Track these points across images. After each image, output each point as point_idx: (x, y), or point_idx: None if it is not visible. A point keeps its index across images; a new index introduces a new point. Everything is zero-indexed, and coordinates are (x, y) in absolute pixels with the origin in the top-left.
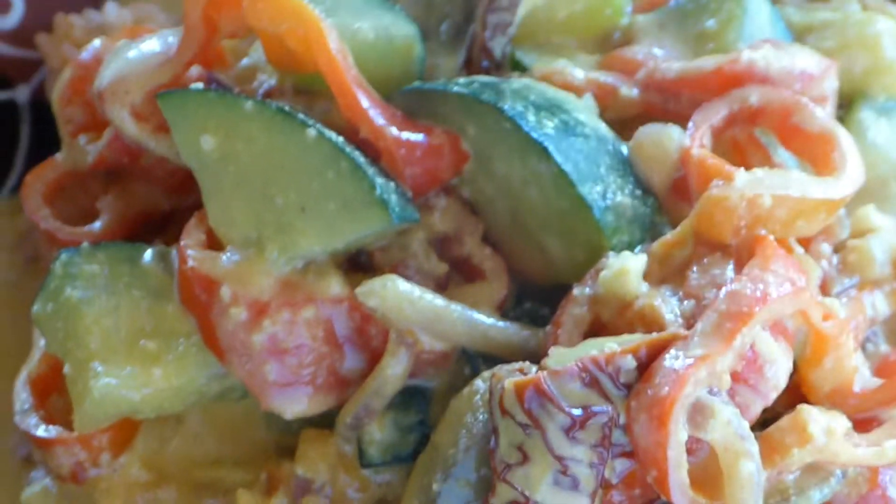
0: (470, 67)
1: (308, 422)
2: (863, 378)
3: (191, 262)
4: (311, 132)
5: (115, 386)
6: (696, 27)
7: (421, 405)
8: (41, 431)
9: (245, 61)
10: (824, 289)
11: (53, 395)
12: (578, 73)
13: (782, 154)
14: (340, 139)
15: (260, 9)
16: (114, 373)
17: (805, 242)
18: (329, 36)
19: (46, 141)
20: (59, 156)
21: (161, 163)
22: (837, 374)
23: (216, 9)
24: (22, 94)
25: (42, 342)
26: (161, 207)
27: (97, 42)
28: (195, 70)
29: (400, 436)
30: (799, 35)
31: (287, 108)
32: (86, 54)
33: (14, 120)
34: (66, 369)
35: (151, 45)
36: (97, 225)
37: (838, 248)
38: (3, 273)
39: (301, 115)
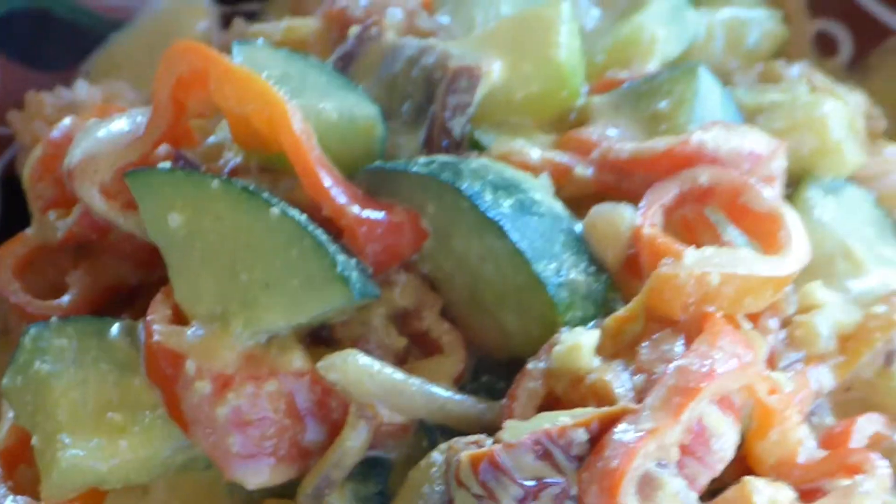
0: (430, 146)
1: (270, 492)
2: (808, 450)
3: (157, 337)
4: (276, 211)
5: (82, 457)
6: (649, 109)
7: (380, 476)
8: (9, 502)
9: (211, 139)
10: (771, 363)
11: (21, 465)
12: (535, 153)
13: (731, 232)
14: (304, 217)
15: (227, 90)
16: (81, 444)
17: (753, 318)
18: (293, 117)
19: (17, 216)
20: (29, 231)
21: (129, 239)
22: (783, 446)
23: (184, 89)
24: None
25: (10, 414)
26: (129, 282)
27: (67, 120)
28: (163, 148)
29: None
30: (749, 116)
31: (252, 186)
32: (56, 133)
33: None
34: (35, 441)
35: (120, 125)
36: (66, 299)
37: (785, 324)
38: None
39: (266, 194)
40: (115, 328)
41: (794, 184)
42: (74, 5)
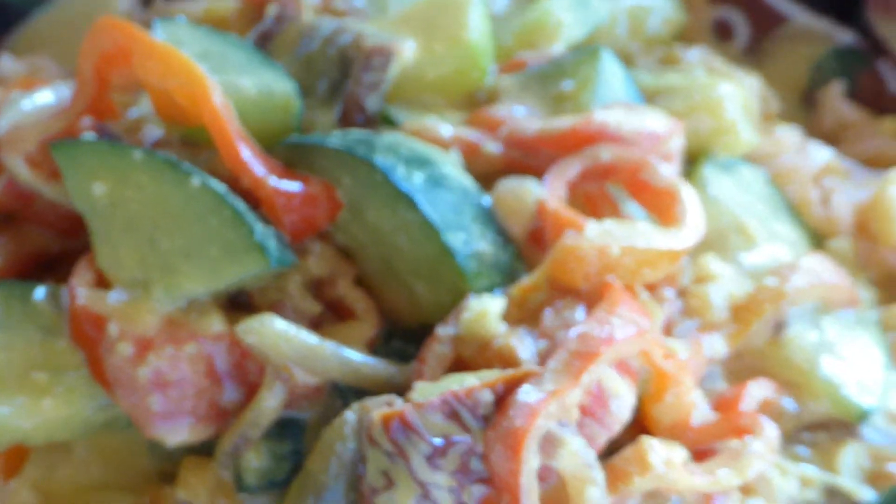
0: (345, 122)
1: (189, 450)
2: (701, 413)
3: (80, 300)
4: (196, 181)
5: (6, 415)
6: (554, 89)
7: (295, 435)
8: None
9: (133, 112)
10: (667, 330)
11: None
12: (445, 130)
13: (631, 207)
14: (223, 188)
15: (149, 66)
16: (6, 403)
17: (650, 287)
18: (214, 92)
19: None
20: None
21: (53, 207)
22: (677, 409)
23: (108, 64)
24: None
25: None
26: (52, 249)
27: None
28: (87, 121)
29: (275, 463)
30: (649, 97)
31: (174, 158)
32: None
33: None
34: None
35: (45, 97)
36: None
37: (681, 293)
38: None
39: (186, 165)
40: (40, 292)
41: (692, 162)
42: None
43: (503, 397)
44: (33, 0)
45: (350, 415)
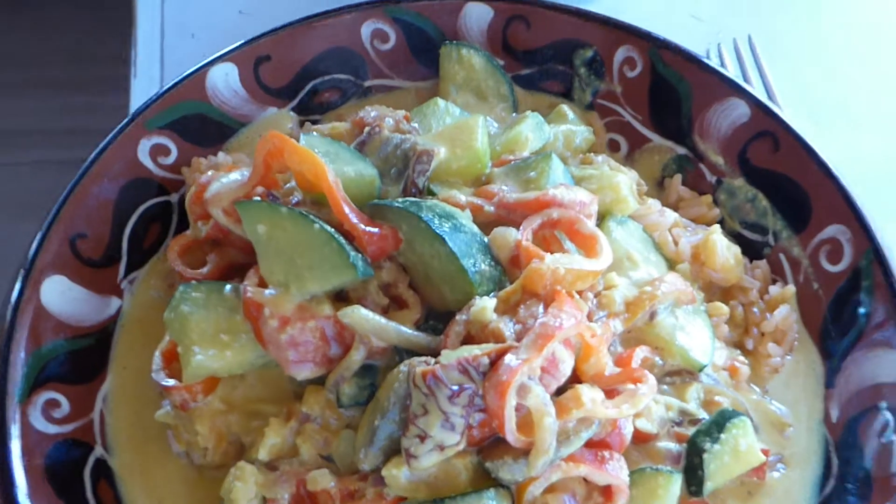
0: (405, 193)
1: (311, 381)
2: (609, 368)
3: (249, 294)
4: (317, 226)
5: (204, 360)
6: (524, 175)
7: (372, 375)
8: (166, 382)
9: (288, 185)
10: (589, 317)
11: (174, 362)
12: (462, 198)
13: (569, 245)
14: (332, 230)
15: (294, 158)
16: (205, 353)
17: (580, 293)
18: (328, 173)
19: (184, 225)
20: (188, 232)
21: (240, 238)
22: (596, 366)
23: (271, 157)
24: (174, 198)
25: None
26: (240, 262)
27: (210, 173)
28: (259, 189)
29: (359, 391)
30: (577, 182)
31: (305, 211)
32: (203, 178)
33: (169, 212)
34: (179, 349)
35: (236, 176)
36: (205, 270)
37: (596, 296)
38: (157, 292)
39: (312, 216)
40: (228, 287)
41: (600, 219)
42: (220, 112)
43: (495, 361)
44: (240, 123)
45: (403, 367)
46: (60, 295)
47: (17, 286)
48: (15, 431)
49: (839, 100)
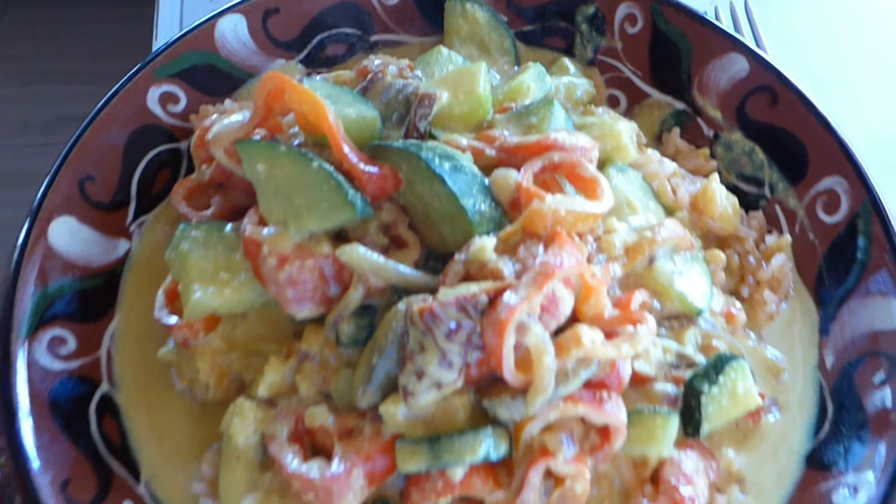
0: (407, 137)
1: (310, 321)
2: (609, 310)
3: (248, 232)
4: (315, 164)
5: (203, 297)
6: (526, 121)
7: (370, 315)
8: (167, 320)
9: (292, 131)
10: (588, 261)
11: (176, 301)
12: (463, 141)
13: (570, 189)
14: (332, 168)
15: (294, 99)
16: (204, 291)
17: (580, 235)
18: (329, 113)
19: (193, 172)
20: (193, 176)
21: (242, 180)
22: (596, 307)
23: (271, 97)
24: (183, 145)
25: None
26: (243, 205)
27: (214, 116)
28: (258, 131)
29: (358, 330)
30: (578, 129)
31: (303, 150)
32: (206, 122)
33: (178, 159)
34: (180, 287)
35: (237, 117)
36: (208, 212)
37: (596, 240)
38: (163, 233)
39: (311, 154)
40: (228, 227)
41: (601, 166)
42: (229, 63)
43: (494, 299)
44: (248, 74)
45: (401, 305)
46: (69, 236)
47: (26, 225)
48: (20, 366)
49: (840, 75)
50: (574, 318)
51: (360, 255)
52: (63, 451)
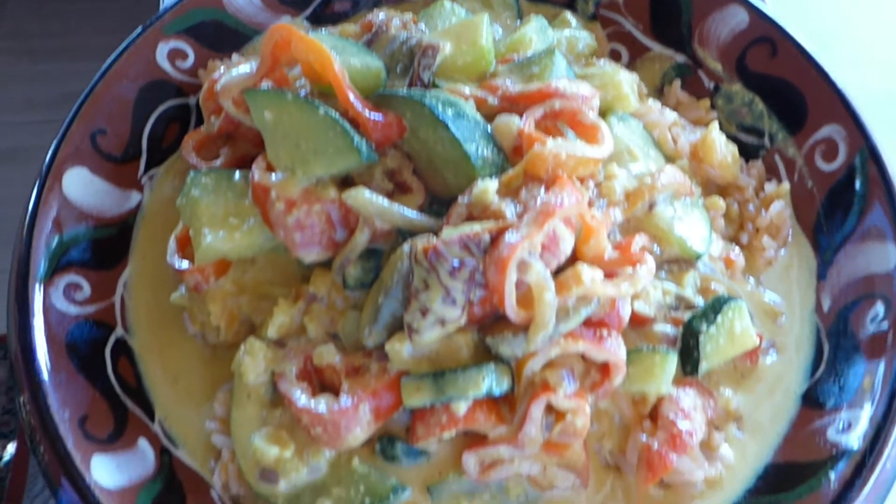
0: (411, 88)
1: (318, 264)
2: (609, 252)
3: (257, 178)
4: (321, 111)
5: (214, 241)
6: (528, 71)
7: (376, 257)
8: (179, 265)
9: (299, 83)
10: (590, 205)
11: (187, 247)
12: (466, 89)
13: (571, 135)
14: (338, 115)
15: (300, 48)
16: (214, 235)
17: (581, 180)
18: (334, 63)
19: (200, 123)
20: (202, 127)
21: (250, 129)
22: (596, 248)
23: (278, 48)
24: (192, 100)
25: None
26: (251, 154)
27: (222, 69)
28: (267, 82)
29: (364, 273)
30: (580, 79)
31: (309, 98)
32: (215, 75)
33: (188, 114)
34: (191, 232)
35: (244, 67)
36: (217, 163)
37: (597, 185)
38: (174, 185)
39: (317, 102)
40: (237, 174)
41: (602, 115)
42: (235, 19)
43: (496, 238)
44: (255, 31)
45: (406, 246)
46: (82, 186)
47: (41, 175)
48: (37, 308)
49: (840, 34)
50: (575, 260)
51: (366, 198)
52: (80, 390)
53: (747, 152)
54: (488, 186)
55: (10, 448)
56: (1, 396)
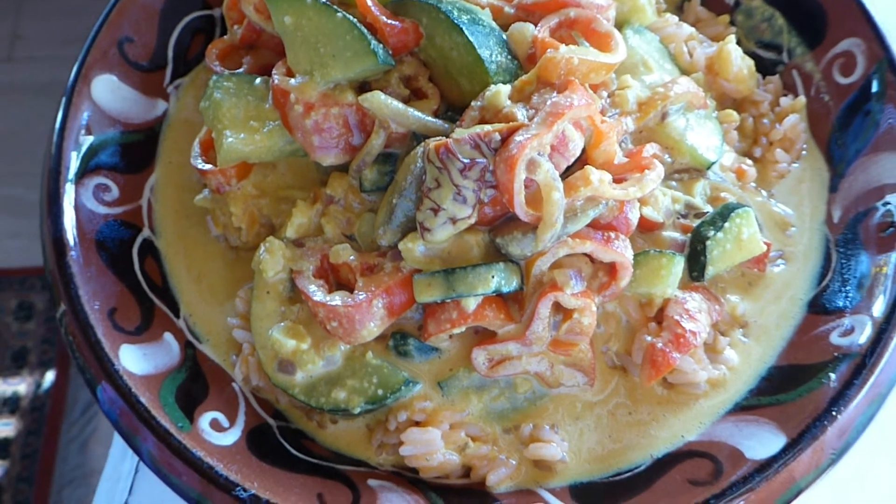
0: None
1: (335, 167)
2: (619, 158)
3: (277, 82)
4: (339, 15)
5: (235, 143)
6: None
7: (391, 161)
8: (202, 166)
9: None
10: (602, 114)
11: (210, 150)
12: None
13: (585, 44)
14: (356, 20)
15: None
16: (235, 136)
17: (594, 87)
18: None
19: (225, 33)
20: (226, 37)
21: (271, 38)
22: (606, 153)
23: None
24: (217, 12)
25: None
26: (272, 63)
27: None
28: None
29: (380, 176)
30: None
31: (328, 3)
32: None
33: (212, 26)
34: (213, 134)
35: None
36: (240, 71)
37: (610, 95)
38: (198, 95)
39: (335, 7)
40: (258, 79)
41: (619, 28)
42: None
43: (506, 138)
44: None
45: (420, 148)
46: (111, 92)
47: (70, 79)
48: (68, 206)
49: None
50: (585, 164)
51: (381, 100)
52: (109, 284)
53: (765, 68)
54: (501, 90)
55: (50, 376)
56: (40, 326)
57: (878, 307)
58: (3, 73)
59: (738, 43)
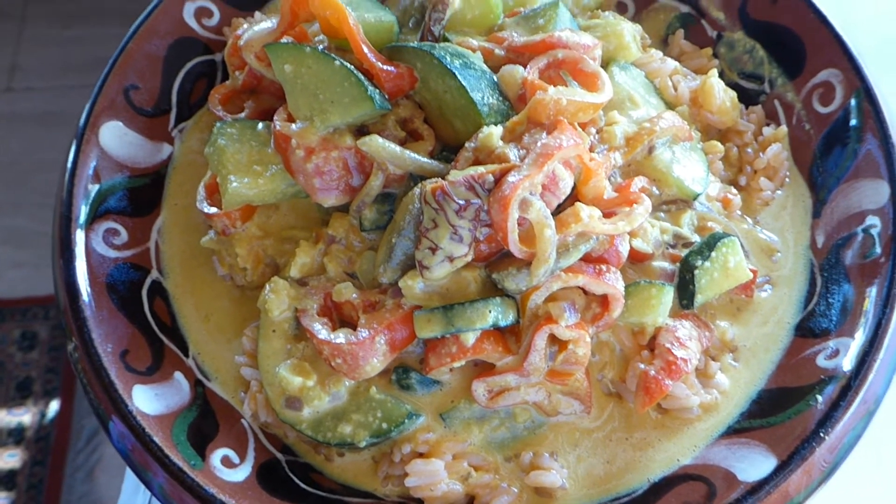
0: (422, 42)
1: (336, 208)
2: (608, 193)
3: (278, 127)
4: (337, 63)
5: (239, 187)
6: (534, 24)
7: (390, 201)
8: (208, 209)
9: (318, 38)
10: (591, 150)
11: (215, 193)
12: (474, 42)
13: (573, 84)
14: (353, 67)
15: (317, 4)
16: (240, 181)
17: (582, 125)
18: (349, 17)
19: (226, 79)
20: (227, 82)
21: (272, 83)
22: (595, 189)
23: (297, 4)
24: (218, 57)
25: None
26: (273, 107)
27: (245, 26)
28: (285, 37)
29: (379, 216)
30: (583, 30)
31: (326, 51)
32: (239, 31)
33: (214, 70)
34: (218, 179)
35: (266, 24)
36: (242, 115)
37: (598, 132)
38: (202, 138)
39: (332, 55)
40: (260, 125)
41: (605, 65)
42: None
43: (499, 179)
44: None
45: (417, 189)
46: (118, 138)
47: (79, 128)
48: (80, 251)
49: None
50: (575, 201)
51: (379, 144)
52: (120, 326)
53: (748, 98)
54: (493, 131)
55: (54, 405)
56: (43, 355)
57: (861, 330)
58: (2, 103)
59: (722, 74)
